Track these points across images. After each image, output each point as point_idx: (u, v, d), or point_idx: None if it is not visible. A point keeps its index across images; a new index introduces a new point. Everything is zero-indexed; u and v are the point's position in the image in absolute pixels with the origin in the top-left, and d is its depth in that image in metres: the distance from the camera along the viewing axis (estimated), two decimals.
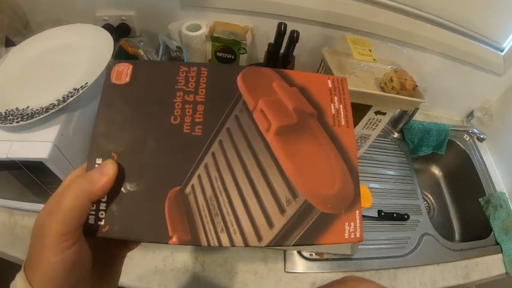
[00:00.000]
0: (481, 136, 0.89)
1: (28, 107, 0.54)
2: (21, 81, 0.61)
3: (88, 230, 0.26)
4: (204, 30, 0.78)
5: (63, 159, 0.54)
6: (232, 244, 0.27)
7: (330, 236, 0.28)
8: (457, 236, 0.96)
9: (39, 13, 0.79)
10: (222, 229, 0.27)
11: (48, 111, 0.51)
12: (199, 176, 0.28)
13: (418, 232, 0.77)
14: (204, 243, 0.26)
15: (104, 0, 0.77)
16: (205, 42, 0.79)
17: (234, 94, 0.30)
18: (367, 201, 0.78)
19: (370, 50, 0.71)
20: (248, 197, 0.28)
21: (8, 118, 0.52)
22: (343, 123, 0.32)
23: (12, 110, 0.54)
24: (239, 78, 0.31)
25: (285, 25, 0.60)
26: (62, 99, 0.53)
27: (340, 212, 0.28)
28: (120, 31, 0.78)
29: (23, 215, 0.69)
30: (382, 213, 0.76)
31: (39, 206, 0.67)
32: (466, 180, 0.98)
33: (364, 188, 0.80)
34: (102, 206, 0.27)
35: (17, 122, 0.51)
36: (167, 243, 0.26)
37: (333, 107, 0.32)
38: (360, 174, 0.81)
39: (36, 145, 0.51)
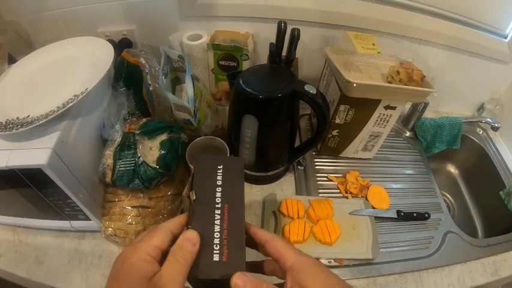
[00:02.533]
0: (495, 125, 0.87)
1: (29, 116, 0.55)
2: (23, 93, 0.62)
3: None
4: (205, 39, 0.79)
5: (63, 167, 0.53)
6: None
7: None
8: (480, 233, 0.92)
9: (42, 33, 0.81)
10: None
11: (48, 117, 0.51)
12: None
13: (440, 231, 0.73)
14: None
15: (104, 16, 0.79)
16: (207, 51, 0.80)
17: None
18: (385, 202, 0.76)
19: (373, 44, 0.71)
20: None
21: (8, 127, 0.53)
22: None
23: (12, 119, 0.55)
24: None
25: (285, 23, 0.60)
26: (62, 105, 0.54)
27: None
28: (122, 46, 0.80)
29: (27, 232, 0.68)
30: (402, 214, 0.73)
31: (44, 223, 0.66)
32: (483, 175, 0.95)
33: (380, 189, 0.79)
34: None
35: (17, 129, 0.51)
36: None
37: None
38: (375, 175, 0.81)
39: (35, 152, 0.50)
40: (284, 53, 0.65)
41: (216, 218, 0.37)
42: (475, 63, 0.89)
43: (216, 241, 0.35)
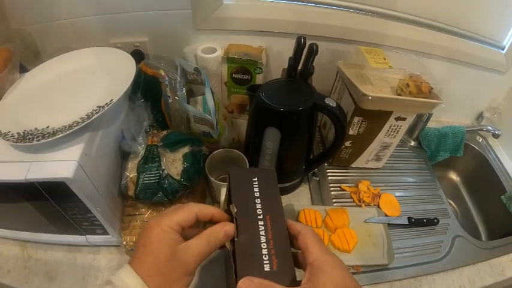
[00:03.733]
0: (496, 132, 0.94)
1: (48, 126, 0.54)
2: (38, 103, 0.61)
3: None
4: (219, 53, 0.82)
5: (87, 181, 0.53)
6: None
7: None
8: (483, 237, 0.98)
9: (51, 42, 0.81)
10: None
11: (72, 128, 0.51)
12: None
13: (449, 235, 0.79)
14: None
15: (117, 27, 0.80)
16: (221, 64, 0.83)
17: None
18: (396, 210, 0.81)
19: (384, 58, 0.76)
20: None
21: (27, 137, 0.52)
22: None
23: (30, 130, 0.54)
24: None
25: (305, 38, 0.64)
26: (86, 117, 0.53)
27: None
28: (134, 57, 0.80)
29: (36, 247, 0.68)
30: (413, 220, 0.78)
31: (57, 237, 0.66)
32: (484, 181, 1.02)
33: (391, 197, 0.83)
34: None
35: (38, 141, 0.50)
36: None
37: None
38: (384, 184, 0.85)
39: (58, 164, 0.49)
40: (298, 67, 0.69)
41: (260, 229, 0.39)
42: (474, 74, 0.96)
43: (264, 251, 0.37)
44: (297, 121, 0.65)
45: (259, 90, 0.66)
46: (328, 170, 0.88)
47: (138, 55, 0.83)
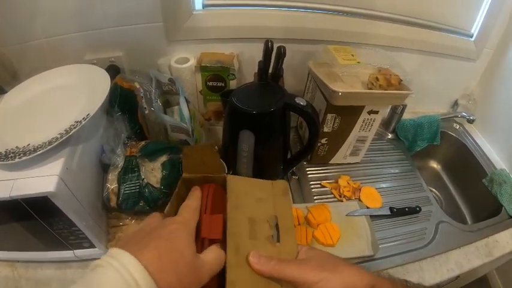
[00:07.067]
0: (471, 118, 0.99)
1: (29, 144, 0.56)
2: (18, 123, 0.63)
3: None
4: (192, 62, 0.86)
5: (70, 195, 0.55)
6: None
7: None
8: (469, 221, 1.02)
9: (27, 62, 0.83)
10: None
11: (52, 144, 0.53)
12: None
13: (432, 222, 0.82)
14: None
15: (91, 44, 0.83)
16: (195, 73, 0.87)
17: None
18: (377, 201, 0.85)
19: (352, 55, 0.80)
20: None
21: (9, 156, 0.53)
22: None
23: (12, 149, 0.56)
24: None
25: (272, 42, 0.68)
26: (65, 132, 0.56)
27: None
28: (110, 72, 0.84)
29: (26, 267, 0.69)
30: (395, 210, 0.82)
31: (45, 255, 0.67)
32: (465, 166, 1.07)
33: (372, 190, 0.87)
34: None
35: (20, 158, 0.52)
36: None
37: None
38: (364, 178, 0.89)
39: (41, 180, 0.52)
40: (270, 69, 0.73)
41: None
42: (446, 64, 1.01)
43: None
44: (270, 122, 0.69)
45: (231, 95, 0.69)
46: (307, 169, 0.92)
47: (113, 70, 0.86)
